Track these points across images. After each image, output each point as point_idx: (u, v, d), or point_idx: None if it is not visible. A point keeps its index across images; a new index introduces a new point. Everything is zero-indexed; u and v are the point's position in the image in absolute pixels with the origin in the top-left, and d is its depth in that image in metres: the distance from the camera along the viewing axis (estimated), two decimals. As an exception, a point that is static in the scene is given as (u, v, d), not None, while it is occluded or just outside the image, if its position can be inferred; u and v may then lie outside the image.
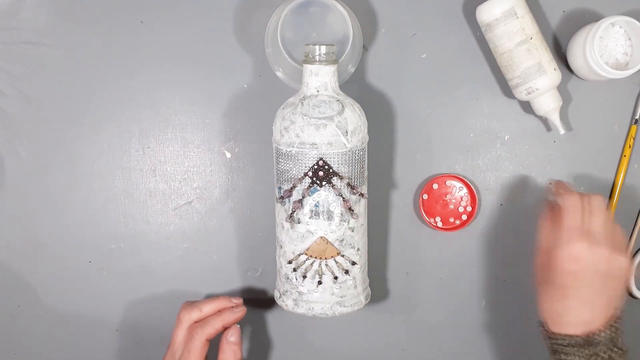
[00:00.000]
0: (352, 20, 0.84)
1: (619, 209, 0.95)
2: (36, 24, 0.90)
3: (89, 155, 0.92)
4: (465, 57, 0.93)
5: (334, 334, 0.96)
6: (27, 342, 0.94)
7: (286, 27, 0.85)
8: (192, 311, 0.84)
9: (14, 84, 0.90)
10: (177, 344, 0.83)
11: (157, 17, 0.91)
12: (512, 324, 0.97)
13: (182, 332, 0.83)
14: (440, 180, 0.94)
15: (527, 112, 0.94)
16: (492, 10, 0.86)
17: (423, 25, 0.92)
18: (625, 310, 0.98)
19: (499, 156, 0.94)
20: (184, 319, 0.83)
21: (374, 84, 0.93)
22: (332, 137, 0.79)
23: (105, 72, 0.91)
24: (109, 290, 0.93)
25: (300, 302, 0.84)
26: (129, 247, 0.93)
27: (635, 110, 0.94)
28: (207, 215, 0.93)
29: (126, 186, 0.92)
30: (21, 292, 0.93)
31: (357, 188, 0.82)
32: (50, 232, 0.92)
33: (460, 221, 0.94)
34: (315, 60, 0.81)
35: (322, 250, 0.82)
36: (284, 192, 0.82)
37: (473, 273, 0.96)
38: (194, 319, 0.83)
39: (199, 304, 0.84)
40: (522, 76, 0.87)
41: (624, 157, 0.94)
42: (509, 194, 0.95)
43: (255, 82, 0.92)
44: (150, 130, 0.92)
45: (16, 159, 0.91)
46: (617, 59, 0.90)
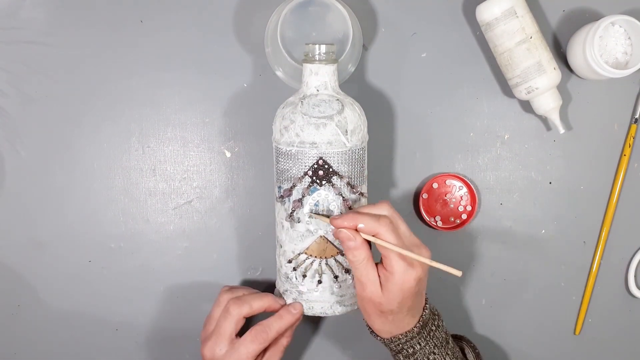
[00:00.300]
0: (352, 20, 0.84)
1: (619, 208, 0.95)
2: (36, 24, 0.90)
3: (89, 154, 0.92)
4: (465, 56, 0.93)
5: (333, 333, 0.96)
6: (27, 342, 0.94)
7: (286, 27, 0.85)
8: (242, 306, 0.82)
9: (14, 83, 0.90)
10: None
11: (157, 17, 0.91)
12: (512, 324, 0.97)
13: (231, 325, 0.82)
14: (440, 179, 0.93)
15: (527, 111, 0.94)
16: (492, 10, 0.86)
17: (423, 24, 0.92)
18: (625, 310, 0.98)
19: (499, 155, 0.94)
20: (234, 312, 0.82)
21: (373, 84, 0.93)
22: (332, 136, 0.79)
23: (105, 72, 0.91)
24: (109, 290, 0.93)
25: (300, 301, 0.84)
26: (129, 246, 0.93)
27: (635, 110, 0.94)
28: (207, 214, 0.93)
29: (126, 185, 0.92)
30: (21, 291, 0.93)
31: (357, 187, 0.82)
32: (50, 232, 0.92)
33: (460, 220, 0.94)
34: (315, 60, 0.81)
35: (322, 249, 0.82)
36: (284, 191, 0.82)
37: (473, 272, 0.96)
38: (244, 314, 0.82)
39: (249, 300, 0.83)
40: (522, 75, 0.87)
41: (624, 157, 0.94)
42: (509, 193, 0.95)
43: (255, 81, 0.92)
44: (150, 129, 0.92)
45: (16, 159, 0.91)
46: (617, 58, 0.90)
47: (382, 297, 0.76)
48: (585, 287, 0.97)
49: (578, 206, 0.96)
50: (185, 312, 0.94)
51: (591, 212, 0.96)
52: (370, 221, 0.75)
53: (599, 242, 0.96)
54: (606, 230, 0.95)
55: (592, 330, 0.98)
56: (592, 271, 0.96)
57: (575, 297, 0.97)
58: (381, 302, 0.76)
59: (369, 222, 0.75)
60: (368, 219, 0.75)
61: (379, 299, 0.76)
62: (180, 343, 0.94)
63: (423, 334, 0.80)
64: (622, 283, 0.97)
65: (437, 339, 0.81)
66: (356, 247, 0.75)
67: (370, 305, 0.77)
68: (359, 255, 0.75)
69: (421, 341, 0.80)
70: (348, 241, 0.75)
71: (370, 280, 0.76)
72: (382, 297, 0.76)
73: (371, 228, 0.75)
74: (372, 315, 0.78)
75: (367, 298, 0.77)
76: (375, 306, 0.77)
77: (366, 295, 0.77)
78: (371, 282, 0.76)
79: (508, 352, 0.97)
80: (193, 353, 0.94)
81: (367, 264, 0.76)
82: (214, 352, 0.82)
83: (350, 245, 0.75)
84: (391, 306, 0.76)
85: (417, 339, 0.80)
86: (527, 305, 0.97)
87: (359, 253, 0.75)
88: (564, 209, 0.96)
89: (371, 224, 0.75)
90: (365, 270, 0.76)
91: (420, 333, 0.80)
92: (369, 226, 0.75)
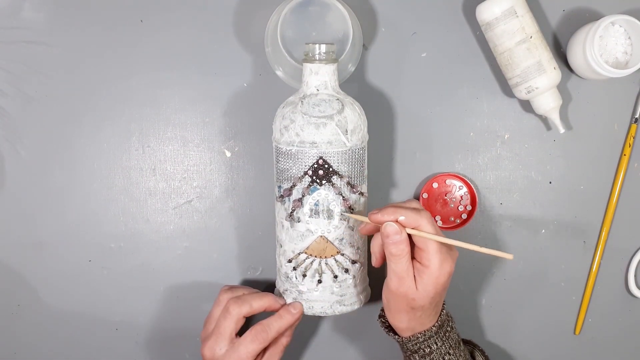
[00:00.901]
0: (352, 19, 0.84)
1: (619, 208, 0.95)
2: (36, 23, 0.90)
3: (89, 154, 0.92)
4: (465, 56, 0.93)
5: (333, 333, 0.96)
6: (27, 342, 0.94)
7: (286, 26, 0.85)
8: (242, 305, 0.82)
9: (14, 83, 0.90)
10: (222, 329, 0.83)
11: (157, 17, 0.91)
12: (512, 324, 0.97)
13: (231, 324, 0.82)
14: (440, 179, 0.93)
15: (527, 111, 0.94)
16: (492, 9, 0.86)
17: (423, 24, 0.92)
18: (625, 310, 0.98)
19: (499, 155, 0.94)
20: (234, 312, 0.82)
21: (374, 83, 0.93)
22: (332, 135, 0.79)
23: (105, 71, 0.91)
24: (109, 290, 0.93)
25: (300, 300, 0.84)
26: (129, 246, 0.93)
27: (635, 109, 0.94)
28: (207, 214, 0.93)
29: (126, 185, 0.92)
30: (21, 291, 0.93)
31: (357, 187, 0.82)
32: (51, 232, 0.92)
33: (460, 220, 0.94)
34: (315, 59, 0.81)
35: (321, 249, 0.82)
36: (284, 190, 0.82)
37: (473, 272, 0.96)
38: (244, 313, 0.83)
39: (249, 300, 0.83)
40: (522, 75, 0.87)
41: (624, 156, 0.94)
42: (509, 193, 0.95)
43: (255, 81, 0.92)
44: (150, 129, 0.92)
45: (16, 159, 0.91)
46: (617, 57, 0.90)
47: (416, 292, 0.77)
48: (585, 287, 0.97)
49: (578, 206, 0.96)
50: (185, 311, 0.94)
51: (591, 212, 0.96)
52: (411, 214, 0.76)
53: (599, 242, 0.96)
54: (606, 230, 0.95)
55: (592, 330, 0.98)
56: (592, 271, 0.96)
57: (575, 297, 0.97)
58: (415, 297, 0.77)
59: (410, 215, 0.76)
60: (409, 212, 0.76)
61: (413, 294, 0.77)
62: (180, 343, 0.94)
63: (440, 334, 0.81)
64: (622, 283, 0.97)
65: (452, 340, 0.82)
66: (402, 240, 0.76)
67: (402, 301, 0.77)
68: (403, 248, 0.76)
69: (438, 341, 0.80)
70: (395, 235, 0.75)
71: (408, 275, 0.76)
72: (416, 293, 0.77)
73: (413, 220, 0.76)
74: (402, 312, 0.79)
75: (401, 293, 0.77)
76: (408, 302, 0.77)
77: (402, 291, 0.77)
78: (409, 277, 0.77)
79: (508, 352, 0.97)
80: (193, 353, 0.94)
81: (408, 258, 0.76)
82: (213, 352, 0.82)
83: (397, 239, 0.75)
84: (423, 301, 0.77)
85: (435, 339, 0.80)
86: (527, 305, 0.97)
87: (403, 247, 0.76)
88: (564, 209, 0.96)
89: (413, 216, 0.76)
90: (407, 265, 0.76)
91: (438, 333, 0.80)
92: (411, 218, 0.76)
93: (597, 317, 0.97)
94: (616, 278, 0.97)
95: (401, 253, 0.76)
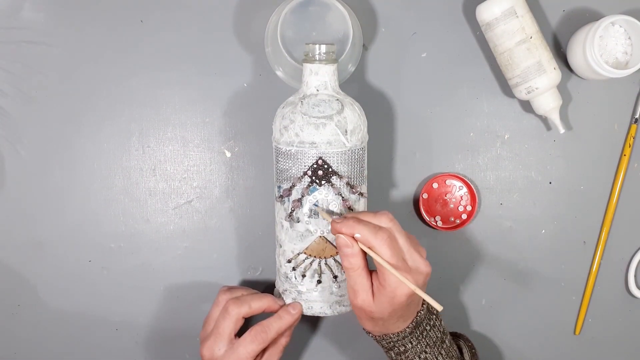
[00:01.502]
0: (352, 20, 0.84)
1: (619, 208, 0.95)
2: (36, 23, 0.90)
3: (89, 154, 0.92)
4: (465, 56, 0.93)
5: (332, 333, 0.96)
6: (27, 342, 0.94)
7: (286, 27, 0.85)
8: (241, 306, 0.82)
9: (14, 83, 0.90)
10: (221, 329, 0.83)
11: (157, 17, 0.91)
12: (512, 324, 0.97)
13: (230, 325, 0.82)
14: (440, 179, 0.93)
15: (527, 111, 0.94)
16: (492, 10, 0.86)
17: (423, 24, 0.92)
18: (625, 310, 0.98)
19: (499, 155, 0.94)
20: (233, 312, 0.82)
21: (374, 83, 0.93)
22: (332, 136, 0.79)
23: (105, 71, 0.91)
24: (109, 290, 0.93)
25: (300, 300, 0.84)
26: (129, 246, 0.93)
27: (635, 110, 0.94)
28: (207, 214, 0.93)
29: (126, 185, 0.92)
30: (21, 291, 0.93)
31: (356, 187, 0.82)
32: (50, 232, 0.92)
33: (460, 220, 0.94)
34: (315, 60, 0.81)
35: (321, 249, 0.82)
36: (283, 191, 0.82)
37: (473, 272, 0.96)
38: (243, 314, 0.82)
39: (248, 300, 0.83)
40: (522, 75, 0.87)
41: (624, 157, 0.94)
42: (509, 193, 0.95)
43: (255, 81, 0.92)
44: (150, 129, 0.92)
45: (16, 159, 0.91)
46: (617, 58, 0.90)
47: (372, 305, 0.76)
48: (585, 287, 0.97)
49: (578, 206, 0.96)
50: (185, 311, 0.94)
51: (591, 212, 0.96)
52: (367, 232, 0.74)
53: (599, 242, 0.96)
54: (606, 230, 0.95)
55: (592, 330, 0.98)
56: (592, 271, 0.96)
57: (575, 297, 0.97)
58: (372, 310, 0.76)
59: (366, 233, 0.74)
60: (366, 230, 0.74)
61: (369, 307, 0.76)
62: (180, 343, 0.94)
63: (415, 334, 0.80)
64: (622, 283, 0.97)
65: (431, 338, 0.81)
66: (352, 254, 0.75)
67: (361, 312, 0.78)
68: (354, 262, 0.75)
69: (413, 340, 0.80)
70: (345, 248, 0.75)
71: (362, 289, 0.76)
72: (372, 306, 0.76)
73: (367, 240, 0.74)
74: (363, 319, 0.79)
75: (357, 306, 0.77)
76: (366, 313, 0.77)
77: (357, 303, 0.77)
78: (364, 290, 0.76)
79: (508, 352, 0.97)
80: (193, 353, 0.94)
81: (360, 272, 0.76)
82: (213, 352, 0.82)
83: (347, 252, 0.75)
84: (382, 315, 0.77)
85: (409, 339, 0.80)
86: (527, 305, 0.97)
87: (355, 261, 0.75)
88: (564, 209, 0.96)
89: (368, 235, 0.74)
90: (359, 279, 0.76)
91: (413, 333, 0.80)
92: (365, 237, 0.74)
93: (597, 317, 0.97)
94: (616, 278, 0.97)
95: (352, 266, 0.75)
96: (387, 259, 0.74)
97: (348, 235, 0.75)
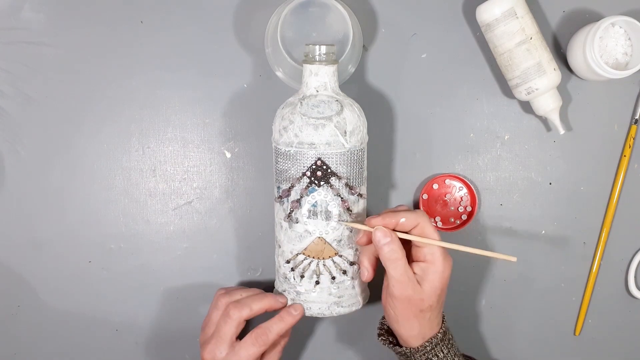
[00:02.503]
0: (352, 20, 0.84)
1: (619, 208, 0.95)
2: (36, 24, 0.90)
3: (89, 155, 0.92)
4: (465, 57, 0.93)
5: (331, 334, 0.96)
6: (27, 342, 0.94)
7: (286, 27, 0.85)
8: (242, 309, 0.82)
9: (14, 83, 0.90)
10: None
11: (157, 17, 0.91)
12: (512, 325, 0.97)
13: (232, 328, 0.82)
14: (440, 180, 0.93)
15: (527, 112, 0.94)
16: (492, 10, 0.86)
17: (423, 25, 0.92)
18: (625, 311, 0.98)
19: (499, 156, 0.94)
20: (234, 316, 0.82)
21: (373, 84, 0.93)
22: (331, 137, 0.79)
23: (105, 72, 0.91)
24: (109, 290, 0.93)
25: (298, 301, 0.84)
26: (129, 247, 0.93)
27: (635, 110, 0.94)
28: (207, 215, 0.93)
29: (126, 186, 0.93)
30: (21, 291, 0.93)
31: (355, 188, 0.82)
32: (50, 232, 0.92)
33: (460, 221, 0.94)
34: (315, 60, 0.81)
35: (319, 250, 0.82)
36: (283, 191, 0.82)
37: (473, 273, 0.96)
38: (244, 317, 0.82)
39: (249, 303, 0.83)
40: (522, 76, 0.87)
41: (624, 157, 0.94)
42: (509, 194, 0.95)
43: (255, 82, 0.92)
44: (150, 130, 0.92)
45: (16, 159, 0.91)
46: (617, 59, 0.90)
47: (422, 292, 0.77)
48: (585, 288, 0.97)
49: (578, 206, 0.96)
50: (185, 312, 0.94)
51: (591, 213, 0.96)
52: (409, 214, 0.77)
53: (599, 243, 0.96)
54: (606, 231, 0.95)
55: (592, 331, 0.98)
56: (592, 271, 0.96)
57: (575, 297, 0.97)
58: (422, 297, 0.77)
59: (408, 215, 0.77)
60: (407, 213, 0.77)
61: (419, 295, 0.77)
62: (180, 343, 0.95)
63: (445, 341, 0.81)
64: (622, 283, 0.97)
65: (455, 348, 0.82)
66: (392, 241, 0.76)
67: (408, 306, 0.77)
68: (397, 250, 0.76)
69: (444, 348, 0.80)
70: (384, 238, 0.76)
71: (409, 278, 0.77)
72: (422, 293, 0.77)
73: (412, 220, 0.77)
74: (410, 317, 0.78)
75: (407, 297, 0.77)
76: (415, 305, 0.77)
77: (407, 294, 0.77)
78: (411, 279, 0.77)
79: (508, 353, 0.97)
80: (193, 353, 0.94)
81: (405, 261, 0.77)
82: (214, 355, 0.81)
83: (387, 242, 0.76)
84: (431, 300, 0.77)
85: (441, 346, 0.80)
86: (527, 306, 0.97)
87: (397, 248, 0.76)
88: (564, 210, 0.95)
89: (411, 216, 0.77)
90: (405, 267, 0.77)
91: (443, 340, 0.80)
92: (410, 219, 0.77)
93: (597, 318, 0.97)
94: (616, 279, 0.97)
95: (396, 256, 0.76)
96: (433, 234, 0.77)
97: (391, 225, 0.77)
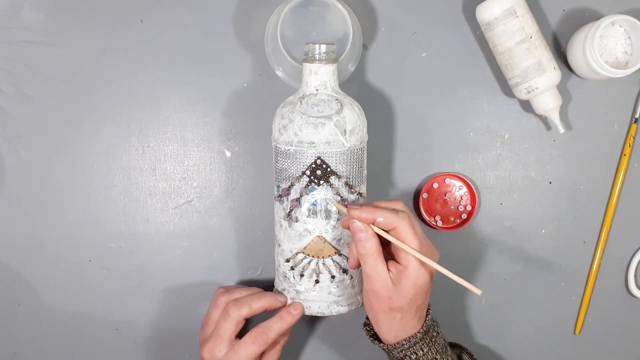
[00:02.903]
0: (352, 19, 0.85)
1: (619, 208, 0.95)
2: (36, 23, 0.90)
3: (89, 154, 0.92)
4: (465, 56, 0.93)
5: (331, 333, 0.96)
6: (27, 342, 0.94)
7: (286, 26, 0.85)
8: (242, 307, 0.82)
9: (14, 83, 0.90)
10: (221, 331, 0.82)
11: (157, 17, 0.91)
12: (512, 324, 0.97)
13: (231, 327, 0.82)
14: (440, 179, 0.93)
15: (527, 111, 0.94)
16: (491, 9, 0.86)
17: (423, 24, 0.92)
18: (625, 310, 0.98)
19: (499, 155, 0.94)
20: (234, 314, 0.82)
21: (373, 83, 0.93)
22: (330, 136, 0.79)
23: (105, 71, 0.91)
24: (109, 290, 0.93)
25: (298, 300, 0.84)
26: (129, 246, 0.93)
27: (635, 109, 0.94)
28: (207, 214, 0.93)
29: (126, 185, 0.93)
30: (21, 291, 0.93)
31: (355, 187, 0.82)
32: (50, 232, 0.92)
33: (460, 220, 0.94)
34: (315, 59, 0.81)
35: (319, 249, 0.82)
36: (282, 190, 0.82)
37: (473, 273, 0.96)
38: (244, 315, 0.82)
39: (249, 301, 0.83)
40: (522, 75, 0.87)
41: (624, 156, 0.94)
42: (509, 193, 0.95)
43: (255, 81, 0.92)
44: (150, 129, 0.92)
45: (16, 158, 0.91)
46: (617, 57, 0.90)
47: (392, 291, 0.75)
48: (585, 287, 0.97)
49: (578, 206, 0.96)
50: (185, 311, 0.94)
51: (591, 212, 0.96)
52: (389, 215, 0.74)
53: (599, 242, 0.96)
54: (606, 230, 0.95)
55: (592, 330, 0.98)
56: (592, 271, 0.96)
57: (575, 297, 0.97)
58: (391, 296, 0.75)
59: (387, 216, 0.74)
60: (387, 213, 0.75)
61: (388, 292, 0.75)
62: (180, 342, 0.94)
63: (426, 340, 0.79)
64: (622, 283, 0.97)
65: (439, 345, 0.81)
66: (367, 238, 0.75)
67: (378, 301, 0.76)
68: (369, 247, 0.75)
69: (424, 347, 0.79)
70: (359, 232, 0.75)
71: (380, 275, 0.75)
72: (392, 292, 0.75)
73: (390, 222, 0.74)
74: (380, 312, 0.77)
75: (375, 292, 0.76)
76: (383, 302, 0.76)
77: (375, 289, 0.76)
78: (380, 276, 0.75)
79: (508, 352, 0.97)
80: (193, 352, 0.94)
81: (376, 257, 0.75)
82: (213, 354, 0.81)
83: (361, 237, 0.75)
84: (401, 302, 0.75)
85: (421, 345, 0.79)
86: (527, 305, 0.97)
87: (370, 245, 0.75)
88: (564, 209, 0.95)
89: (390, 217, 0.74)
90: (376, 263, 0.75)
91: (424, 338, 0.79)
92: (388, 220, 0.74)
93: (597, 317, 0.97)
94: (616, 278, 0.97)
95: (367, 252, 0.75)
96: (409, 240, 0.74)
97: (368, 221, 0.75)
